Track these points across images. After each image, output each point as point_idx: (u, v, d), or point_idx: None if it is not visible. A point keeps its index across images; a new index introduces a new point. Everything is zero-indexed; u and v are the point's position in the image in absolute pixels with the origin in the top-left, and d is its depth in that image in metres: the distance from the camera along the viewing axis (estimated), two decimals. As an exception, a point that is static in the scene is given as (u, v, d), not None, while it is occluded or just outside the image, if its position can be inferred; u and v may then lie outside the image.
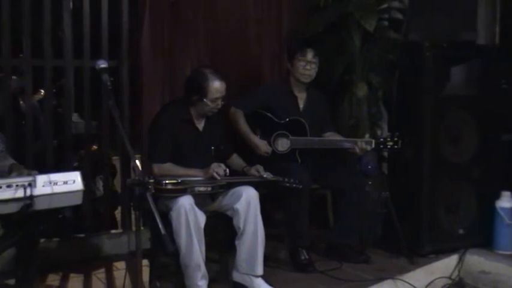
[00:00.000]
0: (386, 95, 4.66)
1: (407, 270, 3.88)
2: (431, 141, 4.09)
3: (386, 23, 4.76)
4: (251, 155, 3.94)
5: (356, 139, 4.09)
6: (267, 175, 3.59)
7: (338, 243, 4.11)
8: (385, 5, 4.73)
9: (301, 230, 3.91)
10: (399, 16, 4.75)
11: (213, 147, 3.66)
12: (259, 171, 3.61)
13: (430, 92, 4.09)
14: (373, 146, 4.03)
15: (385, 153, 4.63)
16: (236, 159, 3.83)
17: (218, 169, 3.41)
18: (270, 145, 4.06)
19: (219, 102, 3.54)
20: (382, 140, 4.06)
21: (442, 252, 4.12)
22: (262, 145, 4.04)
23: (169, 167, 3.48)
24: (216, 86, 3.48)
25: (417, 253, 4.08)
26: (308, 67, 4.13)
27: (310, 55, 4.12)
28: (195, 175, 3.45)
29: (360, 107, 4.59)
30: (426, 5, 4.31)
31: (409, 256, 4.03)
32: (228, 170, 3.47)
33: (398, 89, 4.35)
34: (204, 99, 3.49)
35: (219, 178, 3.39)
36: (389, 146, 4.03)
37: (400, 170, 4.37)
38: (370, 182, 4.35)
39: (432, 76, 4.07)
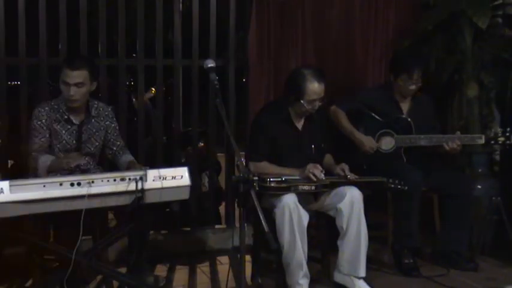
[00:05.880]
0: (500, 96, 4.46)
1: (520, 281, 3.70)
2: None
3: (500, 19, 4.54)
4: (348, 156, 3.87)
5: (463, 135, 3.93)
6: (351, 176, 3.48)
7: (445, 251, 3.97)
8: (500, 1, 4.51)
9: (411, 230, 3.81)
10: (515, 12, 4.52)
11: (313, 146, 3.64)
12: (344, 170, 3.51)
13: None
14: (483, 141, 3.86)
15: (497, 156, 4.42)
16: (328, 158, 3.77)
17: (314, 170, 3.37)
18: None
19: (316, 104, 3.49)
20: (492, 135, 3.87)
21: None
22: (367, 141, 3.96)
23: (264, 165, 3.49)
24: (314, 87, 3.44)
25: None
26: (413, 86, 3.99)
27: (416, 76, 3.95)
28: (290, 174, 3.43)
29: (470, 107, 4.41)
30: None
31: (523, 266, 3.84)
32: (324, 171, 3.43)
33: (514, 89, 4.15)
34: (301, 100, 3.47)
35: (315, 179, 3.36)
36: (500, 142, 3.84)
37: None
38: (479, 186, 4.17)
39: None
